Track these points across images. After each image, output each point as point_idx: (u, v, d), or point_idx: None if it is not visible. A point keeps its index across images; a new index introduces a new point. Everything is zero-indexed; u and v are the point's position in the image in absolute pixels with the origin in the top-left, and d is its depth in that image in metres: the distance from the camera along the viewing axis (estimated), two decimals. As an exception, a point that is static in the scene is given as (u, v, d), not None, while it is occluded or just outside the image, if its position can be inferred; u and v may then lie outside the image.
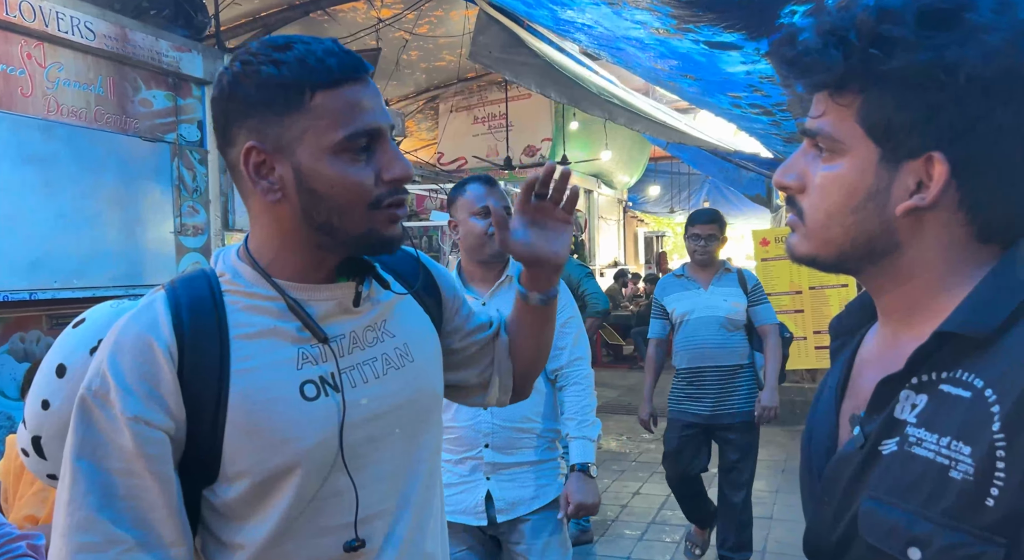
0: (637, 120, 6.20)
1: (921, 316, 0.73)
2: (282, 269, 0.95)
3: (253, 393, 0.90)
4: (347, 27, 7.41)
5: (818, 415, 0.86)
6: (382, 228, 0.93)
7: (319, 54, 0.88)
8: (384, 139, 0.92)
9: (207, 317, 0.91)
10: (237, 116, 0.90)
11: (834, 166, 0.72)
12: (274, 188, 0.91)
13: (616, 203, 14.69)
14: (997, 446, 0.62)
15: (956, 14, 0.65)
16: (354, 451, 0.95)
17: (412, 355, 1.05)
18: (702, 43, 3.30)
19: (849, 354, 0.86)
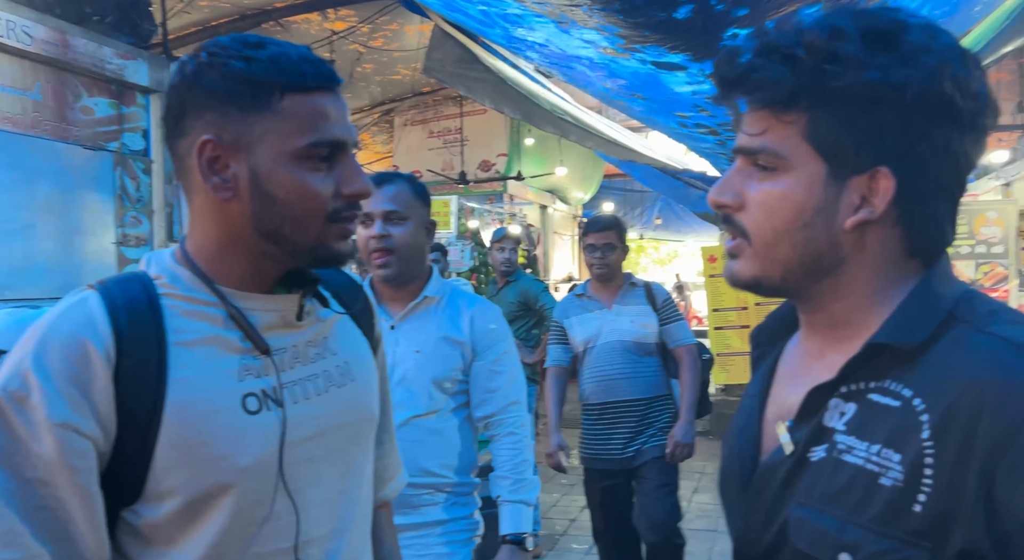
0: (589, 137, 6.28)
1: (848, 330, 0.75)
2: (223, 275, 0.91)
3: (192, 404, 0.84)
4: (300, 38, 7.35)
5: (740, 424, 0.87)
6: (333, 242, 0.91)
7: (294, 57, 0.87)
8: (347, 153, 0.91)
9: (145, 321, 0.85)
10: (196, 106, 0.87)
11: (779, 183, 0.72)
12: (226, 186, 0.87)
13: (571, 219, 14.81)
14: (926, 453, 0.64)
15: (896, 36, 0.68)
16: (294, 471, 0.90)
17: (353, 374, 1.01)
18: (649, 63, 3.37)
19: (770, 364, 0.88)
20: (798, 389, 0.78)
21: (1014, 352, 0.64)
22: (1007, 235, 7.35)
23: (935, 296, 0.71)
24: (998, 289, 7.32)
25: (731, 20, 2.81)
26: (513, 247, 4.59)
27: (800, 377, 0.81)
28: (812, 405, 0.74)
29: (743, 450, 0.84)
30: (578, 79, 4.66)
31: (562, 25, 3.20)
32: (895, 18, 0.69)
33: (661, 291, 3.20)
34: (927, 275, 0.73)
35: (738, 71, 0.72)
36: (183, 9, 6.08)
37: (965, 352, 0.66)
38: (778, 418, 0.80)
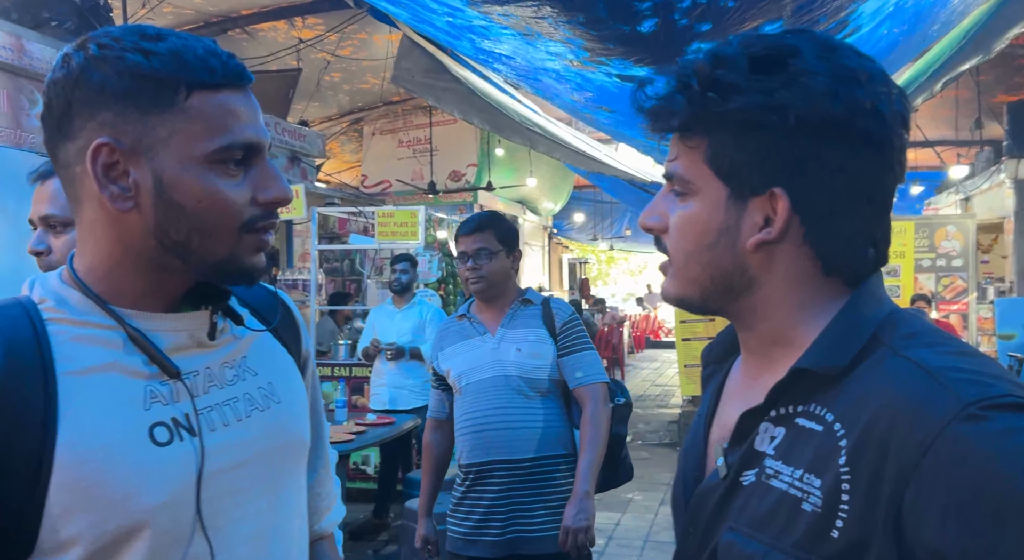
0: (557, 149, 6.30)
1: (779, 350, 0.76)
2: (119, 294, 0.81)
3: (87, 439, 0.75)
4: (267, 46, 7.29)
5: (688, 443, 0.88)
6: (246, 255, 0.82)
7: (199, 51, 0.78)
8: (262, 156, 0.83)
9: (26, 351, 0.75)
10: (86, 105, 0.76)
11: (688, 206, 0.75)
12: (126, 195, 0.77)
13: (541, 229, 14.85)
14: (842, 478, 0.64)
15: (783, 60, 0.69)
16: (213, 507, 0.81)
17: (278, 396, 0.92)
18: (614, 76, 3.39)
19: (718, 383, 0.89)
20: (736, 411, 0.78)
21: (923, 375, 0.64)
22: (966, 248, 7.53)
23: (858, 319, 0.71)
24: (958, 302, 7.49)
25: (694, 34, 2.84)
26: None
27: (739, 398, 0.81)
28: (744, 429, 0.75)
29: (688, 471, 0.85)
30: (546, 91, 4.67)
31: (528, 37, 3.20)
32: (786, 42, 0.71)
33: (563, 309, 2.33)
34: (853, 297, 0.73)
35: (642, 100, 0.76)
36: (146, 16, 5.99)
37: (880, 376, 0.67)
38: (720, 439, 0.81)
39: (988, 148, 9.21)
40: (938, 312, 7.16)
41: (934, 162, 10.08)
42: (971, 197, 9.79)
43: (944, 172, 10.15)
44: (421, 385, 4.77)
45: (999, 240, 10.09)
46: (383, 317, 4.90)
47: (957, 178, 9.89)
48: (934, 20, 3.80)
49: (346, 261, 8.64)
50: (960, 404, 0.60)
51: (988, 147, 9.20)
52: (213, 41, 0.82)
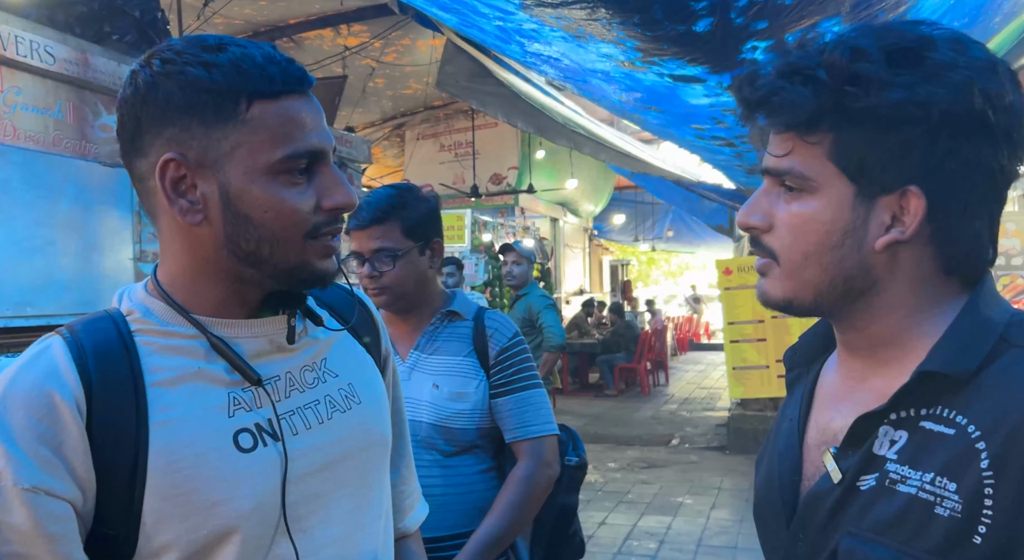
0: (602, 150, 6.28)
1: (890, 352, 0.73)
2: (200, 303, 0.82)
3: (178, 448, 0.76)
4: (313, 54, 7.41)
5: (780, 448, 0.85)
6: (316, 261, 0.82)
7: (258, 60, 0.77)
8: (326, 162, 0.82)
9: (117, 363, 0.77)
10: (154, 122, 0.77)
11: (806, 205, 0.71)
12: (195, 208, 0.79)
13: (582, 231, 14.80)
14: (985, 483, 0.62)
15: (920, 53, 0.67)
16: (298, 511, 0.82)
17: (359, 396, 0.92)
18: (666, 76, 3.36)
19: (808, 386, 0.86)
20: (841, 414, 0.76)
21: None
22: (1026, 246, 7.29)
23: (984, 320, 0.69)
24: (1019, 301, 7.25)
25: (750, 33, 2.81)
26: (516, 260, 4.53)
27: (842, 401, 0.78)
28: (860, 432, 0.72)
29: (783, 477, 0.82)
30: (593, 93, 4.66)
31: (579, 39, 3.20)
32: (920, 34, 0.68)
33: (502, 329, 1.66)
34: (973, 297, 0.71)
35: (760, 93, 0.71)
36: (199, 27, 6.14)
37: (1021, 378, 0.64)
38: (821, 444, 0.78)
39: (1046, 142, 8.93)
40: (997, 312, 6.95)
41: (989, 158, 9.79)
42: (1029, 193, 9.48)
43: (999, 168, 9.86)
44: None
45: (1059, 237, 9.74)
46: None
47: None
48: (996, 11, 3.70)
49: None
50: None
51: (1046, 141, 8.92)
52: (272, 46, 0.81)
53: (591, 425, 8.32)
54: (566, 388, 10.67)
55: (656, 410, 9.32)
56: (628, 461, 6.73)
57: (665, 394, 10.72)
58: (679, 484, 5.91)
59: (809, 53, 0.70)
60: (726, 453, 6.84)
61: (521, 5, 2.98)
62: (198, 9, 5.59)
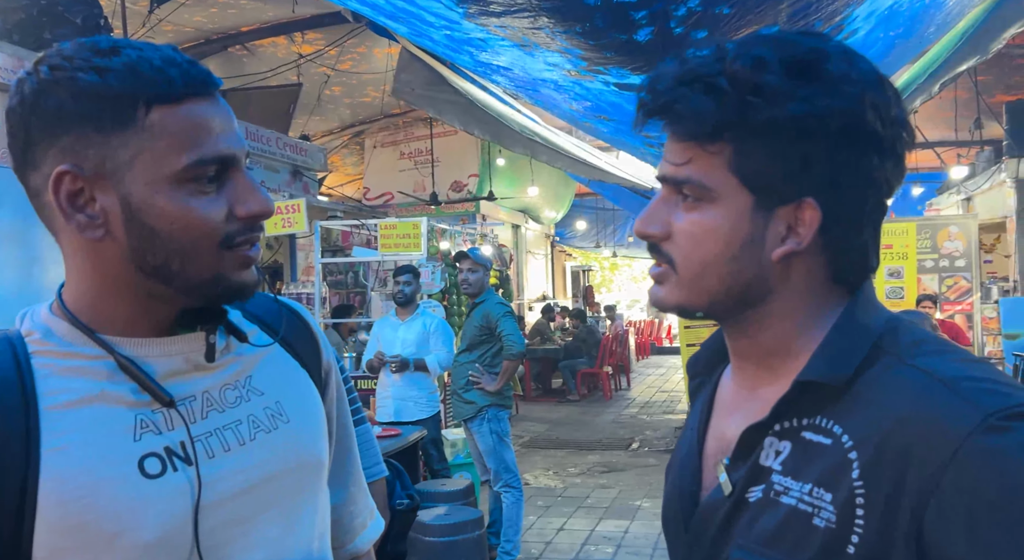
0: (558, 158, 6.32)
1: (778, 360, 0.74)
2: (107, 322, 0.78)
3: (73, 476, 0.71)
4: (267, 62, 7.34)
5: (681, 456, 0.85)
6: (232, 272, 0.78)
7: (156, 62, 0.72)
8: (238, 168, 0.78)
9: (8, 385, 0.73)
10: (44, 133, 0.72)
11: (705, 214, 0.71)
12: (95, 223, 0.74)
13: (544, 238, 14.86)
14: (856, 493, 0.63)
15: (818, 65, 0.67)
16: (215, 538, 0.77)
17: (287, 415, 0.87)
18: (612, 85, 3.40)
19: (708, 395, 0.86)
20: (734, 423, 0.76)
21: (938, 386, 0.62)
22: (969, 249, 7.51)
23: (859, 327, 0.70)
24: (962, 302, 7.46)
25: (691, 42, 2.86)
26: (471, 267, 4.54)
27: (735, 411, 0.79)
28: (747, 444, 0.73)
29: (683, 486, 0.82)
30: (545, 101, 4.69)
31: (525, 48, 3.22)
32: (815, 46, 0.68)
33: None
34: (850, 305, 0.71)
35: (662, 100, 0.70)
36: (146, 35, 6.04)
37: (890, 386, 0.65)
38: (718, 453, 0.78)
39: (988, 148, 9.21)
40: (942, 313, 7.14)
41: (934, 163, 10.07)
42: (972, 197, 9.78)
43: (945, 173, 10.14)
44: (427, 396, 4.78)
45: (1001, 240, 10.07)
46: (387, 329, 4.90)
47: (958, 178, 9.88)
48: (930, 22, 3.82)
49: (349, 274, 8.65)
50: (981, 415, 0.59)
51: (988, 147, 9.20)
52: (174, 47, 0.76)
53: (553, 430, 8.34)
54: (529, 394, 10.69)
55: (617, 414, 9.39)
56: (588, 466, 6.76)
57: (627, 398, 10.80)
58: (638, 487, 5.96)
59: (708, 60, 0.69)
60: (684, 456, 6.91)
61: (465, 14, 3.00)
62: (143, 16, 5.50)
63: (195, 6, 6.08)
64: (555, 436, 8.02)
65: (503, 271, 9.19)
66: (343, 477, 1.01)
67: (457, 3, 2.83)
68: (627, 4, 2.48)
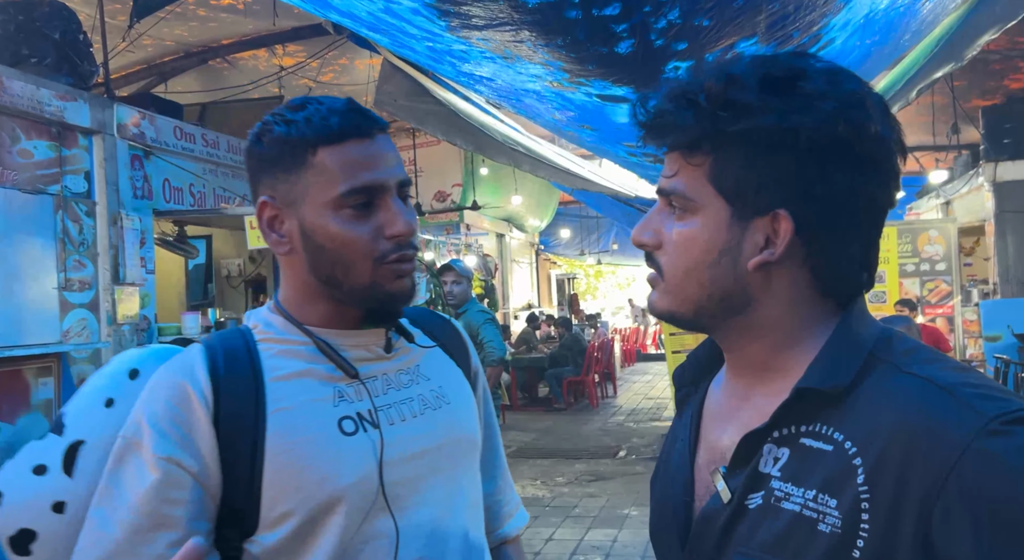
0: (541, 167, 6.33)
1: (773, 372, 0.76)
2: (310, 318, 0.98)
3: (290, 432, 0.91)
4: (248, 75, 7.31)
5: (671, 469, 0.86)
6: (386, 283, 0.95)
7: (324, 112, 0.92)
8: (387, 194, 0.94)
9: (241, 363, 0.94)
10: (256, 172, 0.96)
11: (688, 224, 0.74)
12: (283, 241, 0.96)
13: (528, 246, 14.88)
14: (862, 498, 0.64)
15: (793, 82, 0.69)
16: (395, 490, 0.95)
17: (447, 397, 1.05)
18: (594, 96, 3.42)
19: (696, 405, 0.87)
20: (728, 433, 0.78)
21: (938, 392, 0.64)
22: (949, 252, 7.61)
23: (855, 337, 0.72)
24: (944, 305, 7.55)
25: (671, 54, 2.88)
26: (455, 279, 4.53)
27: (729, 420, 0.80)
28: (745, 451, 0.74)
29: (676, 497, 0.83)
30: (528, 111, 4.71)
31: (508, 60, 3.23)
32: (796, 65, 0.71)
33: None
34: (845, 316, 0.73)
35: (649, 116, 0.75)
36: (126, 48, 6.00)
37: (890, 393, 0.67)
38: (710, 463, 0.80)
39: (966, 152, 9.34)
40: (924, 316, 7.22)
41: (913, 167, 10.20)
42: (951, 201, 9.91)
43: (924, 177, 10.27)
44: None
45: (980, 243, 10.20)
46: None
47: (937, 183, 10.01)
48: (905, 30, 3.87)
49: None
50: (982, 420, 0.61)
51: (966, 151, 9.33)
52: (349, 100, 0.96)
53: (540, 440, 8.32)
54: (515, 403, 10.67)
55: (604, 422, 9.38)
56: (576, 474, 6.75)
57: (613, 405, 10.80)
58: (626, 496, 5.95)
59: (696, 79, 0.72)
60: (672, 463, 6.91)
61: (447, 27, 3.00)
62: (123, 30, 5.46)
63: (175, 20, 6.05)
64: (542, 445, 8.01)
65: (488, 280, 9.20)
66: (492, 469, 1.18)
67: (439, 16, 2.84)
68: (607, 17, 2.50)
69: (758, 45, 3.03)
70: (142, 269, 5.01)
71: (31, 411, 4.08)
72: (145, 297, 5.07)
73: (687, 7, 2.57)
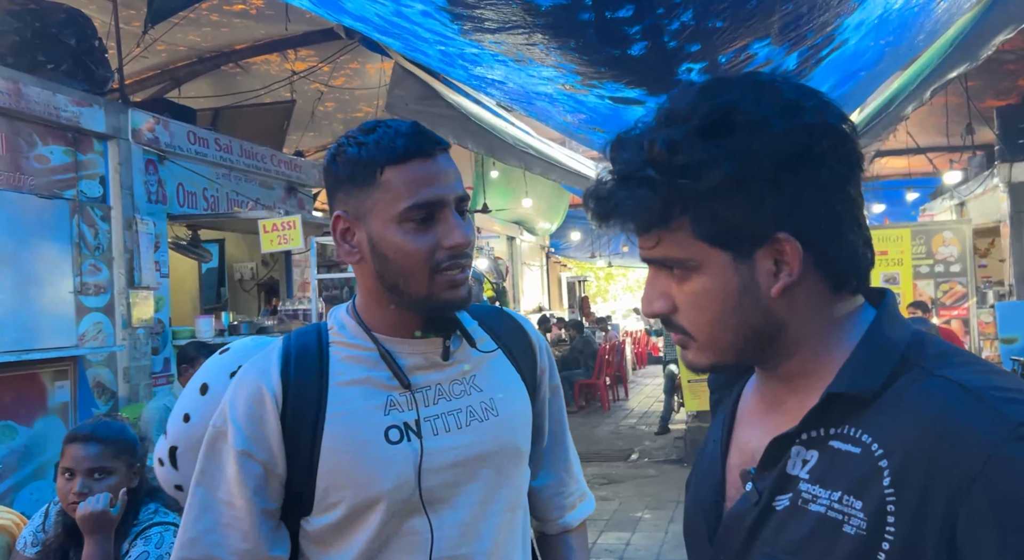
0: (552, 170, 6.34)
1: (805, 376, 0.76)
2: (377, 324, 1.08)
3: (344, 436, 1.02)
4: (260, 79, 7.35)
5: (704, 469, 0.88)
6: (442, 291, 1.03)
7: (391, 135, 1.02)
8: (447, 209, 1.03)
9: (311, 366, 1.06)
10: (332, 188, 1.06)
11: (696, 283, 0.74)
12: (353, 251, 1.06)
13: (539, 249, 14.87)
14: (887, 500, 0.64)
15: (728, 120, 0.70)
16: (432, 494, 1.04)
17: (497, 410, 1.12)
18: (607, 98, 3.42)
19: (730, 408, 0.89)
20: (759, 435, 0.79)
21: (966, 395, 0.64)
22: (964, 253, 7.55)
23: (886, 340, 0.72)
24: (959, 307, 7.49)
25: (684, 55, 2.87)
26: None
27: (759, 423, 0.81)
28: (774, 454, 0.75)
29: (706, 497, 0.84)
30: (539, 113, 4.71)
31: (520, 63, 3.24)
32: (717, 103, 0.71)
33: None
34: (877, 319, 0.74)
35: (606, 207, 0.75)
36: (140, 54, 6.05)
37: (919, 396, 0.67)
38: (741, 464, 0.81)
39: (980, 153, 9.25)
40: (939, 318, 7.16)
41: (927, 168, 10.12)
42: (966, 202, 9.83)
43: (938, 178, 10.19)
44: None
45: (996, 244, 10.11)
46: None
47: (951, 184, 9.93)
48: (919, 30, 3.85)
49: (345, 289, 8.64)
50: (1010, 425, 0.61)
51: (980, 152, 9.25)
52: (414, 123, 1.05)
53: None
54: (527, 406, 10.65)
55: (616, 425, 9.36)
56: (588, 478, 6.67)
57: (625, 408, 10.78)
58: (638, 499, 5.94)
59: (632, 157, 0.73)
60: (684, 466, 6.88)
61: (460, 31, 3.01)
62: (138, 36, 5.51)
63: (188, 26, 6.09)
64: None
65: (499, 283, 9.20)
66: (555, 462, 1.26)
67: (452, 20, 2.85)
68: (621, 19, 2.50)
69: (771, 46, 3.02)
70: (156, 273, 5.04)
71: (48, 414, 4.11)
72: (160, 301, 5.10)
73: (701, 9, 2.57)
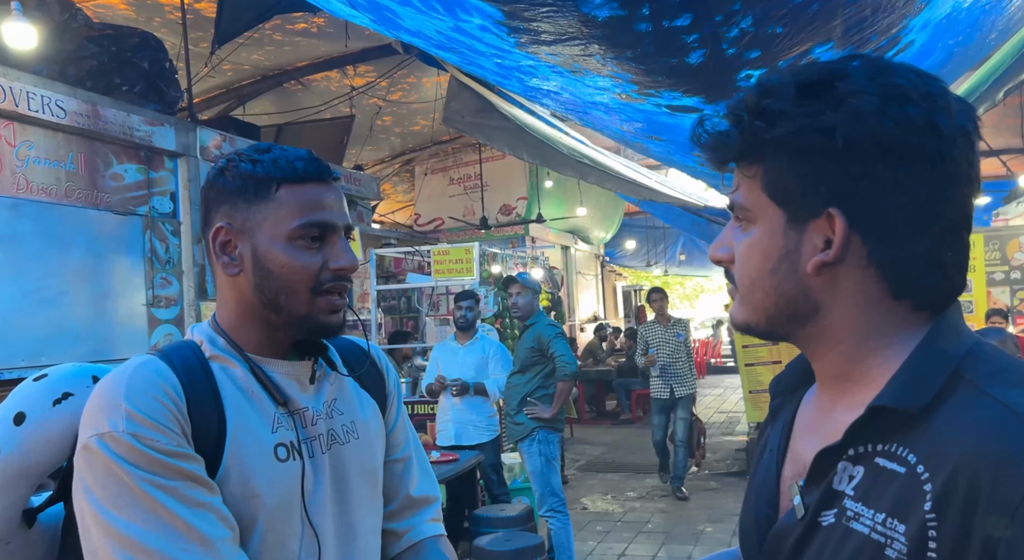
0: (608, 178, 6.31)
1: (854, 383, 0.74)
2: (247, 341, 1.06)
3: (243, 446, 1.00)
4: (320, 96, 7.54)
5: (759, 479, 0.85)
6: (321, 313, 1.04)
7: (290, 157, 1.05)
8: (336, 234, 1.05)
9: (200, 377, 1.01)
10: (216, 201, 1.05)
11: (750, 234, 0.76)
12: (234, 263, 1.04)
13: (593, 258, 14.81)
14: (929, 525, 0.62)
15: (829, 84, 0.70)
16: (315, 513, 1.06)
17: (357, 433, 1.14)
18: (664, 107, 3.40)
19: (789, 416, 0.86)
20: (811, 446, 0.76)
21: (1012, 419, 0.61)
22: (1041, 259, 7.21)
23: (939, 352, 0.69)
24: (1036, 315, 7.14)
25: (743, 62, 2.84)
26: (519, 291, 4.56)
27: (813, 432, 0.79)
28: (821, 467, 0.73)
29: (760, 508, 0.82)
30: (595, 123, 4.71)
31: (576, 74, 3.24)
32: (837, 66, 0.71)
33: None
34: (932, 329, 0.71)
35: (699, 136, 0.78)
36: (208, 74, 6.28)
37: (966, 416, 0.64)
38: (794, 475, 0.79)
39: (1057, 154, 8.84)
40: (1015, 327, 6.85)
41: (1000, 171, 9.72)
42: (1042, 205, 9.39)
43: (1012, 181, 9.77)
44: (486, 420, 4.80)
45: (1076, 248, 9.61)
46: (446, 353, 4.94)
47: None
48: (991, 29, 3.71)
49: (402, 299, 8.76)
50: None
51: (1057, 152, 8.84)
52: (308, 151, 1.08)
53: (609, 453, 8.24)
54: (583, 416, 10.60)
55: (675, 436, 9.21)
56: (647, 489, 6.65)
57: (684, 420, 10.60)
58: (700, 511, 5.83)
59: (742, 95, 0.75)
60: (746, 478, 6.73)
61: (516, 43, 3.03)
62: (205, 57, 5.72)
63: (253, 46, 6.30)
64: (611, 459, 7.92)
65: (555, 293, 9.19)
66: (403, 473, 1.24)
67: (508, 33, 2.87)
68: (678, 28, 2.48)
69: (834, 50, 2.96)
70: (223, 285, 5.20)
71: (122, 422, 4.27)
72: (226, 312, 5.26)
73: (760, 15, 2.53)
